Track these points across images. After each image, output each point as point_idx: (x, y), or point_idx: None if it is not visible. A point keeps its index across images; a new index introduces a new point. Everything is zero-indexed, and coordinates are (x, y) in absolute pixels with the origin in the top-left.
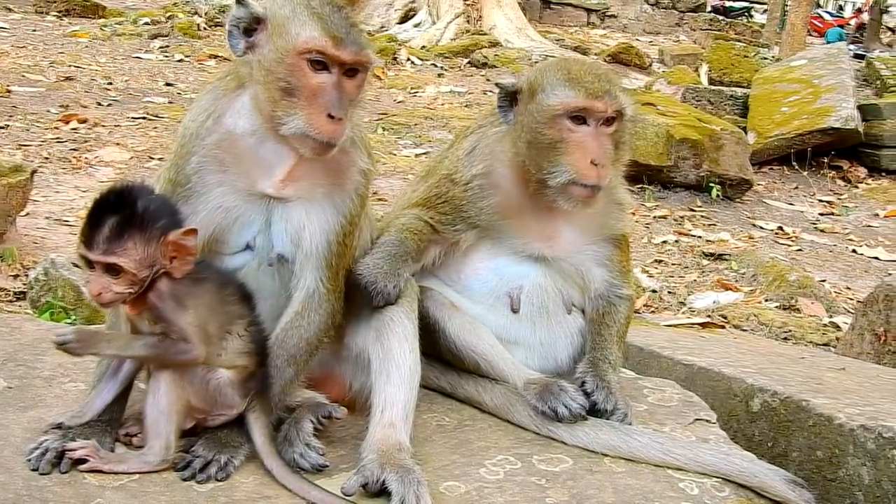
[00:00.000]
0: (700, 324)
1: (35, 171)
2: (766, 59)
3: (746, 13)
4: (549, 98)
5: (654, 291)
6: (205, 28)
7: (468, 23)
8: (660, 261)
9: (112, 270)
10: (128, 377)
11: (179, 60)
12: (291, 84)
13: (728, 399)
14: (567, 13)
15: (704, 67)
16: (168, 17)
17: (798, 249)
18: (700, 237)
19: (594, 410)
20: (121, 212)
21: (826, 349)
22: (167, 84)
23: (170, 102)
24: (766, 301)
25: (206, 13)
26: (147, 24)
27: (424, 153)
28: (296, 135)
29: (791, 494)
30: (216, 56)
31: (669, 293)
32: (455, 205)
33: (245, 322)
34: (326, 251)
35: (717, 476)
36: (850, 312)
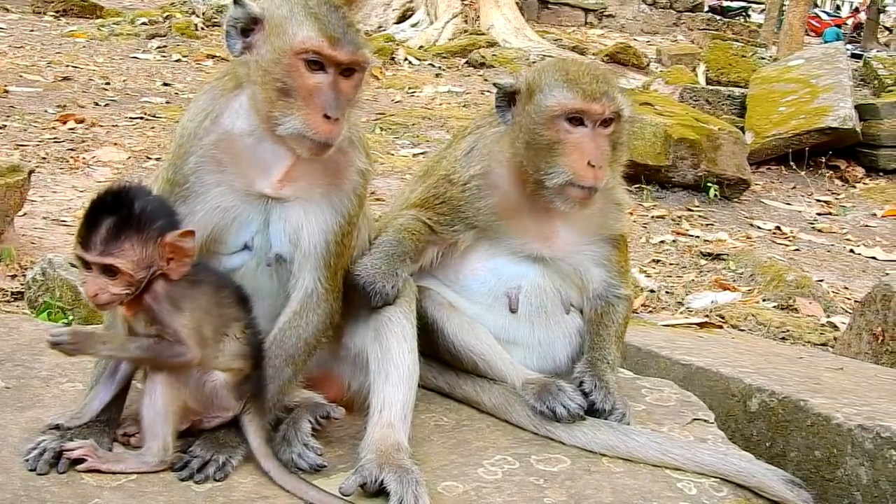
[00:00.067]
0: (698, 324)
1: (32, 172)
2: (764, 59)
3: (744, 13)
4: (547, 99)
5: (652, 291)
6: (202, 28)
7: (466, 23)
8: (658, 261)
9: (109, 271)
10: (125, 377)
11: (177, 60)
12: (288, 84)
13: (726, 399)
14: (565, 13)
15: (702, 67)
16: (166, 17)
17: (796, 249)
18: (698, 237)
19: (592, 410)
20: (118, 213)
21: (824, 349)
22: (165, 84)
23: (167, 102)
24: (764, 301)
25: (204, 13)
26: (144, 24)
27: (422, 153)
28: (292, 135)
29: (789, 494)
30: (214, 56)
31: (667, 293)
32: (453, 205)
33: (241, 325)
34: (325, 251)
35: (716, 476)
36: (848, 312)
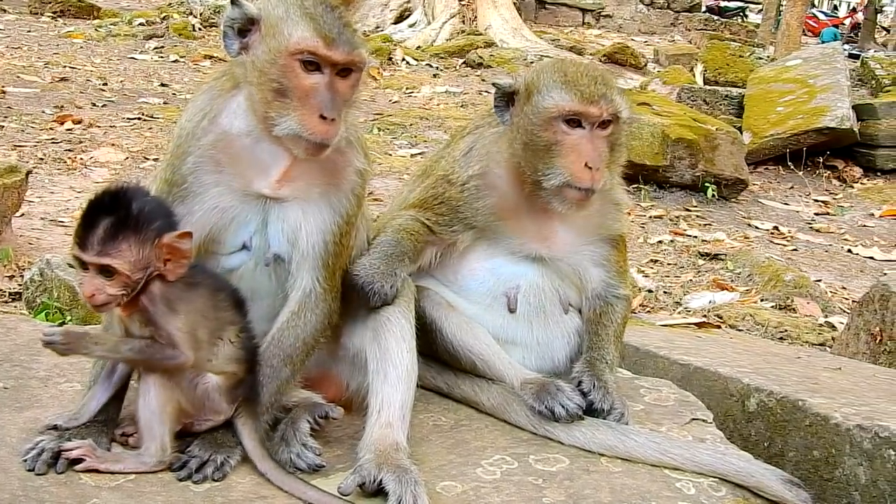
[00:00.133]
0: (696, 324)
1: (30, 172)
2: (762, 59)
3: (741, 13)
4: (545, 100)
5: (650, 291)
6: (200, 29)
7: (463, 23)
8: (655, 261)
9: (106, 272)
10: (123, 378)
11: (174, 61)
12: (284, 85)
13: (724, 399)
14: (562, 13)
15: (700, 67)
16: (163, 18)
17: (793, 249)
18: (696, 237)
19: (591, 410)
20: (115, 213)
21: (822, 349)
22: (162, 85)
23: (165, 103)
24: (762, 301)
25: (201, 14)
26: (142, 25)
27: (420, 153)
28: (288, 136)
29: (788, 494)
30: (211, 57)
31: (665, 293)
32: (452, 206)
33: (237, 328)
34: (323, 251)
35: (714, 476)
36: (846, 312)
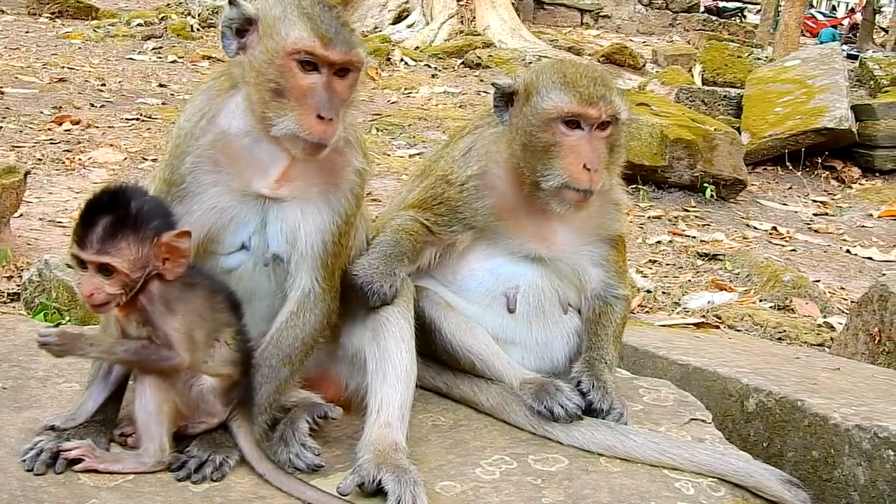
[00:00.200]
0: (695, 324)
1: (28, 173)
2: (760, 60)
3: (740, 13)
4: (544, 101)
5: (649, 292)
6: (198, 29)
7: (462, 23)
8: (654, 261)
9: (105, 271)
10: (119, 378)
11: (173, 61)
12: (281, 85)
13: (723, 399)
14: (561, 14)
15: (698, 68)
16: (161, 19)
17: (792, 250)
18: (694, 237)
19: (590, 410)
20: (114, 212)
21: (821, 349)
22: (160, 85)
23: (163, 103)
24: (761, 301)
25: (199, 14)
26: (140, 26)
27: (418, 154)
28: (286, 136)
29: (787, 494)
30: (209, 57)
31: (664, 293)
32: (451, 206)
33: (233, 330)
34: (322, 251)
35: (713, 476)
36: (845, 313)
